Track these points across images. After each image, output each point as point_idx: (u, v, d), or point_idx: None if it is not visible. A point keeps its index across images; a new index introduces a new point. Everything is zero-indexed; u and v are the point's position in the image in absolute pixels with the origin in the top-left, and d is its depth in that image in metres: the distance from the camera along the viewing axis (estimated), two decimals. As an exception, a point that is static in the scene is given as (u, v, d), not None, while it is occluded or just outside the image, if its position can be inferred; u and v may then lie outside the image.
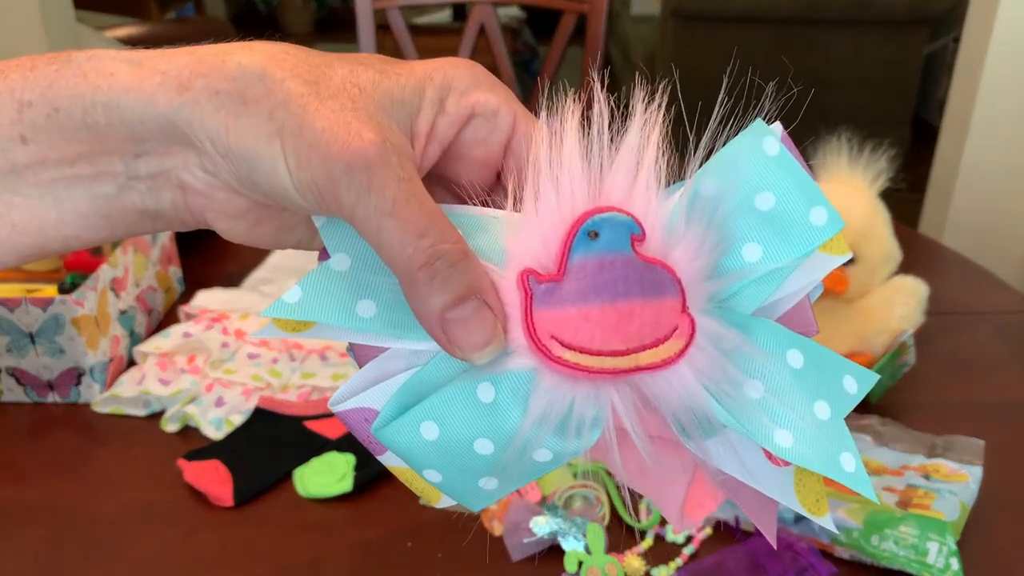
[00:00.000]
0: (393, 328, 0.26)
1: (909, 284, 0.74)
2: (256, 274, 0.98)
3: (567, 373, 0.25)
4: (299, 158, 0.24)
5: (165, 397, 0.75)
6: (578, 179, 0.25)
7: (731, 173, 0.26)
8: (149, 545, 0.63)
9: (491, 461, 0.26)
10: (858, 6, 2.81)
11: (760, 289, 0.26)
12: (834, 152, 0.75)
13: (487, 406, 0.25)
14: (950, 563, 0.57)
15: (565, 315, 0.25)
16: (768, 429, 0.25)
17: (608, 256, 0.25)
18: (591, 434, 0.25)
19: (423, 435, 0.25)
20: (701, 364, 0.25)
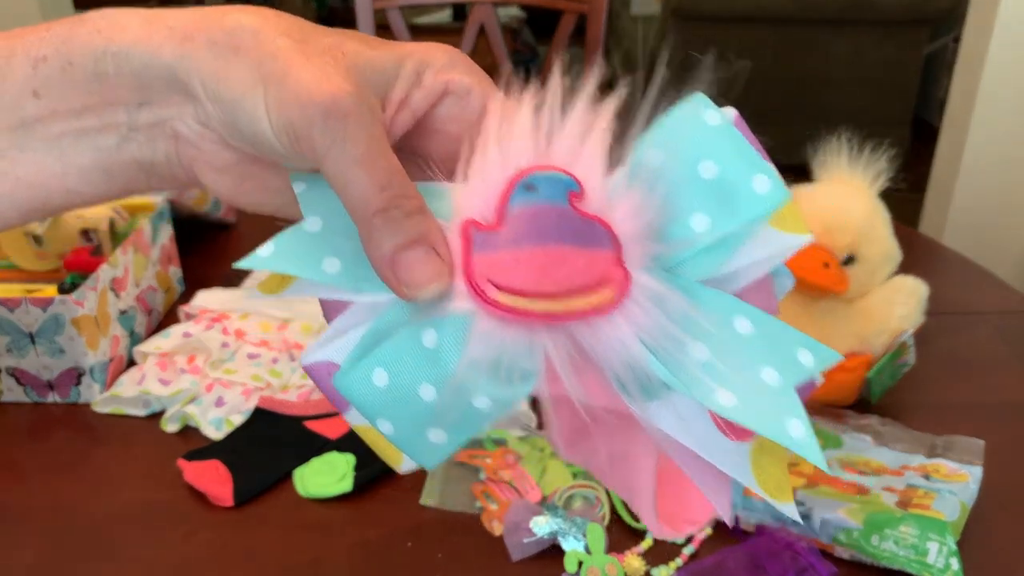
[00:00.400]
0: (355, 282, 0.27)
1: (909, 284, 0.74)
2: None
3: (500, 315, 0.25)
4: (280, 102, 0.26)
5: (165, 397, 0.75)
6: (525, 144, 0.27)
7: (673, 142, 0.27)
8: (149, 545, 0.63)
9: (434, 408, 0.26)
10: (858, 6, 2.81)
11: (709, 259, 0.27)
12: (834, 152, 0.75)
13: (430, 351, 0.26)
14: (950, 563, 0.57)
15: (500, 259, 0.26)
16: (709, 388, 0.25)
17: (544, 207, 0.26)
18: (526, 382, 0.26)
19: (375, 382, 0.26)
20: (639, 319, 0.25)
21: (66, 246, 0.87)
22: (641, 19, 3.65)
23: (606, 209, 0.27)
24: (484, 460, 0.69)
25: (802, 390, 0.28)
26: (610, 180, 0.27)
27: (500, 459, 0.68)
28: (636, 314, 0.26)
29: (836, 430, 0.72)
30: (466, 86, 0.30)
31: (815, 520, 0.60)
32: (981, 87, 1.80)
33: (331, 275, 0.27)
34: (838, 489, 0.64)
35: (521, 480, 0.67)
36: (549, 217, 0.26)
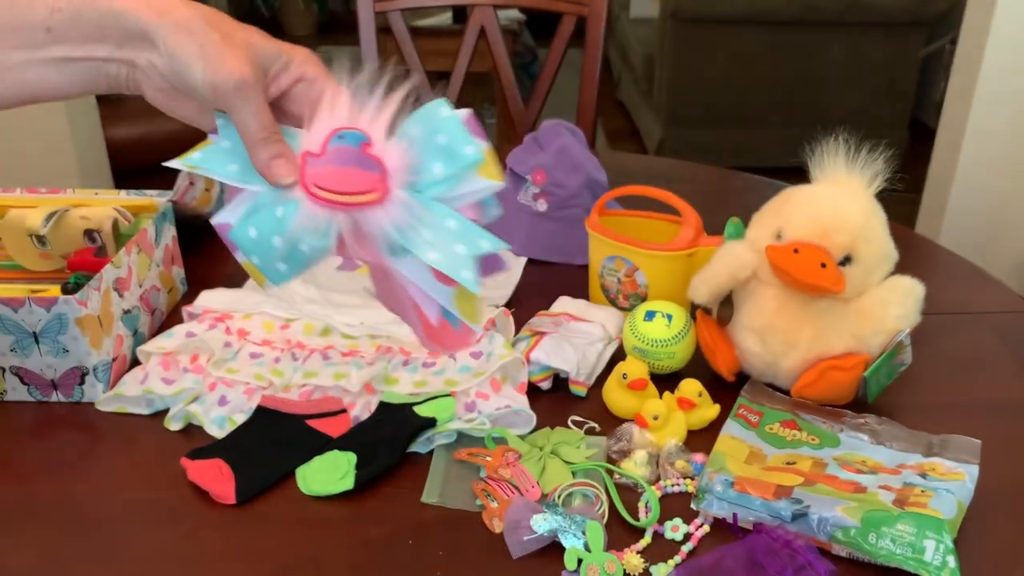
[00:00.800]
0: (245, 177, 0.48)
1: (906, 284, 0.75)
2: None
3: (316, 202, 0.47)
4: (212, 72, 0.46)
5: (168, 396, 0.76)
6: (343, 113, 0.48)
7: (424, 122, 0.48)
8: (152, 543, 0.63)
9: (281, 250, 0.48)
10: (855, 8, 2.82)
11: (440, 188, 0.48)
12: (831, 153, 0.76)
13: (279, 218, 0.47)
14: (947, 561, 0.58)
15: (320, 172, 0.47)
16: (426, 251, 0.47)
17: (347, 147, 0.47)
18: (327, 239, 0.47)
19: (249, 235, 0.48)
20: (393, 212, 0.47)
21: (70, 246, 0.88)
22: (639, 21, 3.66)
23: (383, 153, 0.47)
24: (484, 459, 0.69)
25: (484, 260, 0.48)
26: (389, 139, 0.48)
27: (500, 457, 0.69)
28: (391, 209, 0.47)
29: (833, 429, 0.73)
30: (313, 76, 0.50)
31: (813, 518, 0.61)
32: (977, 89, 1.81)
33: (232, 173, 0.48)
34: (835, 487, 0.65)
35: (521, 478, 0.67)
36: (349, 152, 0.47)
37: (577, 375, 0.77)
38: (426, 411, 0.72)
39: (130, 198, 0.93)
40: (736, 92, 2.98)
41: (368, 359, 0.80)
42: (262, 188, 0.48)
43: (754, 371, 0.79)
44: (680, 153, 3.06)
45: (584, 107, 1.50)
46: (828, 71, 2.94)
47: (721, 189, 1.25)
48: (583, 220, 0.92)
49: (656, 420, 0.71)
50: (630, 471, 0.68)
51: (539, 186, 1.01)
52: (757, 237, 0.77)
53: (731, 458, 0.69)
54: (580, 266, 0.97)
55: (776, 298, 0.75)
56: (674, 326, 0.78)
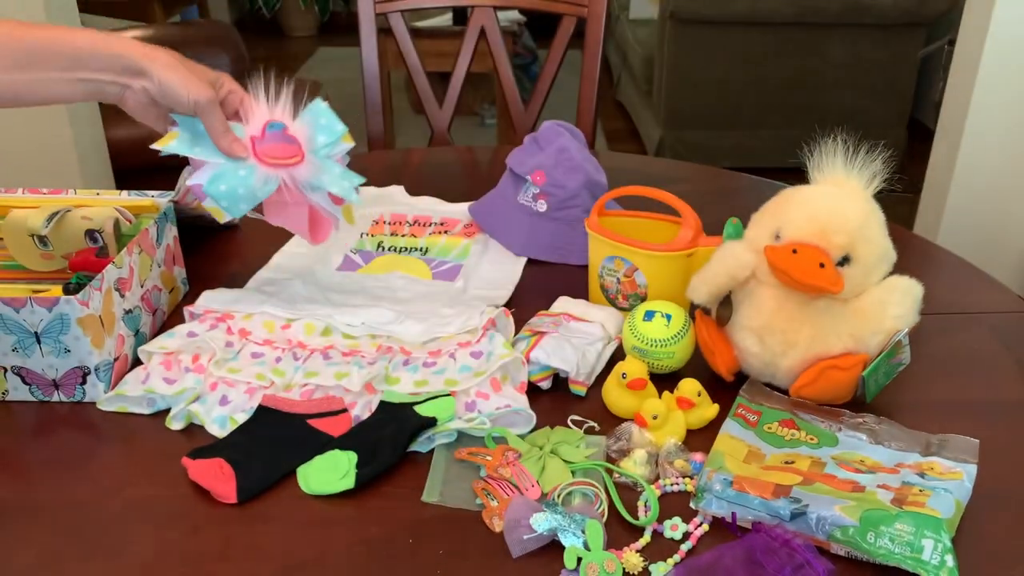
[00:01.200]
0: (207, 155, 0.77)
1: (904, 284, 0.75)
2: (260, 274, 0.99)
3: (266, 166, 0.78)
4: (195, 95, 0.73)
5: (170, 396, 0.76)
6: (264, 112, 0.79)
7: (311, 112, 0.81)
8: (153, 542, 0.63)
9: (244, 196, 0.77)
10: (854, 9, 2.82)
11: (327, 151, 0.81)
12: (830, 154, 0.76)
13: (242, 176, 0.77)
14: (945, 560, 0.58)
15: (265, 148, 0.79)
16: (327, 184, 0.80)
17: (275, 132, 0.79)
18: (273, 185, 0.78)
19: (220, 189, 0.76)
20: (308, 168, 0.80)
21: (71, 247, 0.88)
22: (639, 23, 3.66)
23: (295, 133, 0.80)
24: (484, 458, 0.69)
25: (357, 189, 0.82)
26: (294, 124, 0.80)
27: (500, 457, 0.69)
28: (307, 166, 0.79)
29: (832, 428, 0.73)
30: (234, 89, 0.79)
31: (811, 517, 0.61)
32: (976, 89, 1.81)
33: (198, 152, 0.77)
34: (834, 487, 0.65)
35: (521, 477, 0.67)
36: (278, 135, 0.79)
37: (577, 375, 0.78)
38: (426, 410, 0.73)
39: (131, 198, 0.93)
40: (735, 93, 2.99)
41: (369, 359, 0.80)
42: (222, 160, 0.78)
43: (753, 371, 0.79)
44: (679, 154, 3.06)
45: (584, 108, 1.50)
46: (827, 72, 2.95)
47: (720, 189, 1.25)
48: (583, 220, 0.92)
49: (655, 419, 0.72)
50: (629, 470, 0.69)
51: (539, 186, 1.01)
52: (756, 237, 0.77)
53: (730, 457, 0.69)
54: (580, 266, 0.97)
55: (775, 298, 0.75)
56: (673, 326, 0.79)
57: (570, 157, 1.00)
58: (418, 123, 3.61)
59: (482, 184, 1.13)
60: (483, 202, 1.10)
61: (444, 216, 1.13)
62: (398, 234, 1.09)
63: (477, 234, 1.08)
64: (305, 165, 0.79)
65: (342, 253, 1.04)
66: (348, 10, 5.45)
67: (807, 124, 2.98)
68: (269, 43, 5.17)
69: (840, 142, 0.75)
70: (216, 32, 2.50)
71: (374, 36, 1.51)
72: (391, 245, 1.06)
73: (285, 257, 1.03)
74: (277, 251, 1.04)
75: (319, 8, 5.32)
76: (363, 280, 0.98)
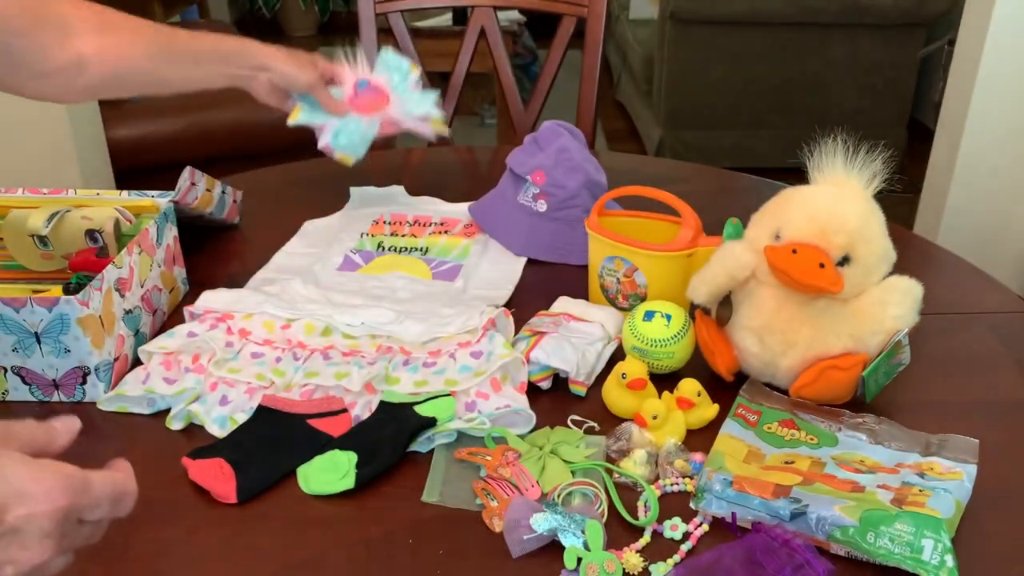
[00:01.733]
0: (324, 120, 1.02)
1: (904, 284, 0.75)
2: (260, 274, 0.99)
3: (364, 113, 1.03)
4: (307, 79, 0.97)
5: (170, 396, 0.76)
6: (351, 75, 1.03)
7: (380, 62, 1.05)
8: (153, 542, 0.63)
9: (358, 142, 1.03)
10: (854, 9, 2.82)
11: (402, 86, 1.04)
12: (830, 154, 0.76)
13: (352, 128, 1.02)
14: (945, 560, 0.58)
15: (359, 102, 1.03)
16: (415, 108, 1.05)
17: (364, 87, 1.03)
18: (375, 126, 1.02)
19: (341, 141, 1.02)
20: (395, 105, 1.04)
21: (71, 247, 0.88)
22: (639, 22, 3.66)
23: (377, 82, 1.04)
24: (484, 458, 0.69)
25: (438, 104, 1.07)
26: (374, 75, 1.04)
27: (500, 457, 0.69)
28: (395, 104, 1.04)
29: (832, 428, 0.73)
30: (326, 64, 1.00)
31: (811, 517, 0.61)
32: (976, 89, 1.81)
33: (318, 119, 1.02)
34: (834, 487, 0.65)
35: (521, 477, 0.67)
36: (365, 90, 1.03)
37: (577, 375, 0.78)
38: (426, 411, 0.73)
39: (131, 199, 0.93)
40: (735, 93, 2.99)
41: (369, 359, 0.80)
42: (336, 121, 1.01)
43: (753, 371, 0.79)
44: (679, 154, 3.06)
45: (584, 108, 1.50)
46: (827, 72, 2.94)
47: (720, 190, 1.25)
48: (583, 220, 0.92)
49: (655, 419, 0.72)
50: (629, 470, 0.69)
51: (539, 186, 1.01)
52: (756, 237, 0.77)
53: (730, 457, 0.69)
54: (580, 266, 0.97)
55: (775, 298, 0.75)
56: (673, 326, 0.79)
57: (570, 157, 1.00)
58: (418, 123, 3.61)
59: (482, 184, 1.13)
60: (483, 202, 1.10)
61: (444, 216, 1.13)
62: (398, 234, 1.09)
63: (477, 234, 1.08)
64: (392, 104, 1.03)
65: (342, 253, 1.04)
66: (348, 10, 5.45)
67: (807, 124, 2.98)
68: (269, 43, 5.17)
69: (840, 142, 0.75)
70: (216, 32, 2.49)
71: (374, 36, 1.51)
72: (391, 245, 1.06)
73: (285, 257, 1.03)
74: (277, 251, 1.04)
75: (319, 8, 5.32)
76: (363, 280, 0.98)
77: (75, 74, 0.82)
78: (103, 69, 0.84)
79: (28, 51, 0.78)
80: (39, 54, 0.79)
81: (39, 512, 0.40)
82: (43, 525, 0.41)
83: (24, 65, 0.79)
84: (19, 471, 0.40)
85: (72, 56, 0.81)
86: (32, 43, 0.78)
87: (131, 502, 0.46)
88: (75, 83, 0.83)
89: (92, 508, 0.44)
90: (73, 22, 0.82)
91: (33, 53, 0.78)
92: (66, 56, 0.81)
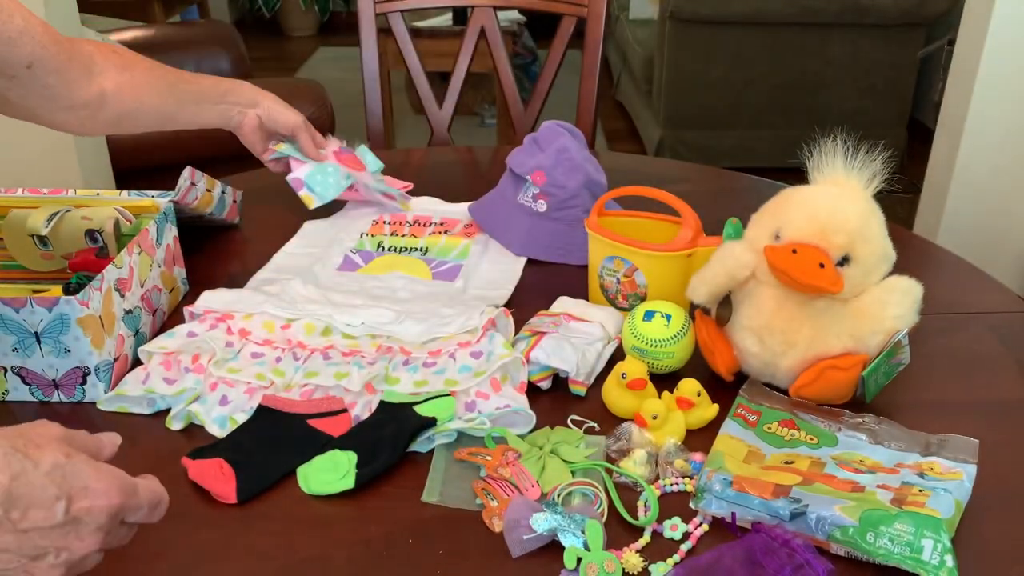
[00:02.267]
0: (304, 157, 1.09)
1: (904, 284, 0.75)
2: (259, 275, 0.99)
3: (344, 167, 1.11)
4: (293, 120, 1.06)
5: (169, 396, 0.76)
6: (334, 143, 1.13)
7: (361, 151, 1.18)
8: (153, 542, 0.63)
9: (332, 185, 1.09)
10: (854, 9, 2.82)
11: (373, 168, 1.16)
12: (829, 154, 0.76)
13: (330, 172, 1.09)
14: (944, 560, 0.58)
15: (340, 156, 1.11)
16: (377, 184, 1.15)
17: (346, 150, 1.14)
18: (348, 181, 1.11)
19: (316, 180, 1.08)
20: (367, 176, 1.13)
21: (71, 247, 0.88)
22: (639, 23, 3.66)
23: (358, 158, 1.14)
24: (484, 458, 0.69)
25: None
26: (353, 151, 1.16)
27: (500, 457, 0.69)
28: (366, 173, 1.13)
29: (832, 428, 0.73)
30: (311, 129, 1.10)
31: (811, 517, 0.61)
32: (976, 89, 1.81)
33: (299, 156, 1.08)
34: (834, 487, 0.65)
35: (521, 477, 0.67)
36: (347, 151, 1.13)
37: (576, 375, 0.78)
38: (426, 411, 0.73)
39: (131, 199, 0.93)
40: (735, 93, 2.99)
41: (369, 359, 0.80)
42: (314, 164, 1.08)
43: (753, 371, 0.79)
44: (679, 154, 3.06)
45: (583, 108, 1.50)
46: (826, 72, 2.95)
47: (720, 190, 1.25)
48: (582, 220, 0.92)
49: (655, 419, 0.72)
50: (629, 470, 0.69)
51: (539, 186, 1.01)
52: (756, 237, 0.77)
53: (730, 457, 0.69)
54: (580, 266, 0.97)
55: (774, 298, 0.75)
56: (673, 326, 0.79)
57: (570, 157, 1.01)
58: (418, 123, 3.61)
59: (482, 184, 1.13)
60: (483, 202, 1.10)
61: (444, 216, 1.13)
62: (398, 234, 1.09)
63: (477, 234, 1.08)
64: (365, 174, 1.11)
65: (342, 253, 1.04)
66: (348, 10, 5.45)
67: (807, 124, 2.99)
68: (269, 43, 5.17)
69: (840, 142, 0.75)
70: (216, 32, 2.50)
71: (374, 36, 1.51)
72: (391, 245, 1.06)
73: (285, 257, 1.03)
74: (277, 251, 1.04)
75: (319, 8, 5.32)
76: (363, 280, 0.98)
77: (97, 108, 0.89)
78: (122, 106, 0.91)
79: (60, 85, 0.84)
80: (68, 88, 0.85)
81: (97, 507, 0.46)
82: (99, 519, 0.46)
83: (55, 98, 0.85)
84: (86, 469, 0.46)
85: (97, 92, 0.88)
86: (63, 78, 0.84)
87: (164, 509, 0.51)
88: (97, 117, 0.90)
89: (136, 510, 0.49)
90: (98, 60, 0.88)
91: (64, 87, 0.85)
92: (91, 92, 0.88)
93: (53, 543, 0.45)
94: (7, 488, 0.43)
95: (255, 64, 2.02)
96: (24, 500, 0.43)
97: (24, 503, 0.43)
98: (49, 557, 0.45)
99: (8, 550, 0.44)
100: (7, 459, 0.43)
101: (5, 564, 0.44)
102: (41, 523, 0.44)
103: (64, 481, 0.45)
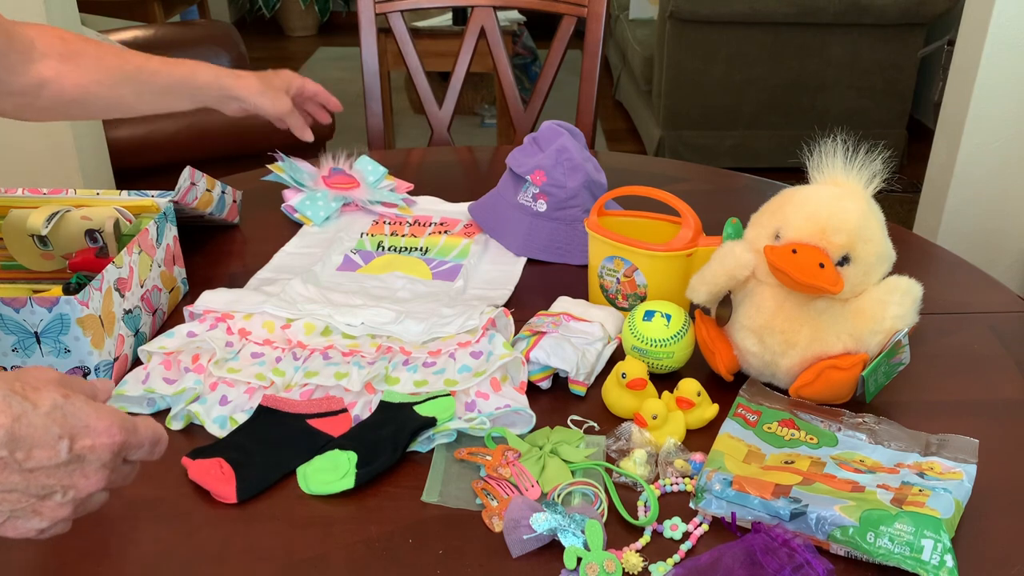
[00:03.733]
0: (300, 185, 1.14)
1: (904, 284, 0.75)
2: (259, 274, 0.99)
3: (333, 189, 1.15)
4: (277, 111, 1.07)
5: (169, 396, 0.76)
6: (329, 162, 1.18)
7: (359, 163, 1.21)
8: (153, 542, 0.63)
9: (322, 207, 1.12)
10: (854, 9, 2.82)
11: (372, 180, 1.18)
12: (829, 154, 0.76)
13: (321, 195, 1.13)
14: (944, 560, 0.58)
15: (330, 180, 1.15)
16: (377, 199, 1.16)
17: (337, 171, 1.18)
18: (339, 202, 1.14)
19: (306, 203, 1.13)
20: (362, 191, 1.16)
21: (71, 247, 0.88)
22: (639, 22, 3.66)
23: (352, 172, 1.17)
24: (484, 458, 0.69)
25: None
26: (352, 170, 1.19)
27: (500, 457, 0.69)
28: (360, 189, 1.16)
29: (832, 428, 0.73)
30: (303, 82, 1.13)
31: (811, 517, 0.61)
32: (976, 89, 1.81)
33: (294, 181, 1.13)
34: (834, 487, 0.65)
35: (521, 477, 0.67)
36: (339, 172, 1.17)
37: (576, 375, 0.78)
38: (426, 410, 0.73)
39: (131, 198, 0.93)
40: (735, 93, 2.99)
41: (368, 359, 0.80)
42: (306, 191, 1.12)
43: (752, 371, 0.79)
44: (679, 153, 3.06)
45: (583, 108, 1.50)
46: (826, 72, 2.95)
47: (720, 189, 1.25)
48: (582, 220, 0.92)
49: (655, 419, 0.72)
50: (629, 470, 0.69)
51: (539, 186, 1.01)
52: (755, 237, 0.77)
53: (730, 457, 0.69)
54: (580, 266, 0.97)
55: (774, 298, 0.75)
56: (673, 326, 0.79)
57: (570, 157, 1.01)
58: (418, 123, 3.61)
59: (482, 184, 1.14)
60: (483, 202, 1.10)
61: (444, 216, 1.13)
62: (398, 234, 1.09)
63: (477, 234, 1.08)
64: (359, 189, 1.14)
65: (342, 253, 1.04)
66: (348, 10, 5.45)
67: (807, 124, 2.99)
68: (269, 43, 5.17)
69: (840, 142, 0.75)
70: (216, 32, 2.50)
71: (374, 36, 1.51)
72: (391, 245, 1.06)
73: (285, 257, 1.03)
74: (277, 251, 1.04)
75: (319, 8, 5.32)
76: (363, 280, 0.98)
77: (34, 96, 0.87)
78: (62, 94, 0.89)
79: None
80: (5, 73, 0.84)
81: (100, 444, 0.46)
82: (102, 456, 0.47)
83: None
84: (86, 409, 0.46)
85: (34, 78, 0.86)
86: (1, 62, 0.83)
87: (164, 447, 0.52)
88: (34, 104, 0.88)
89: (137, 448, 0.49)
90: (38, 46, 0.86)
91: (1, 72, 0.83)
92: (28, 78, 0.86)
93: (59, 482, 0.45)
94: (9, 429, 0.43)
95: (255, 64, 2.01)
96: (27, 440, 0.43)
97: (27, 443, 0.43)
98: (56, 496, 0.46)
99: (16, 490, 0.44)
100: (7, 401, 0.43)
101: (14, 504, 0.45)
102: (46, 462, 0.44)
103: (65, 420, 0.45)
